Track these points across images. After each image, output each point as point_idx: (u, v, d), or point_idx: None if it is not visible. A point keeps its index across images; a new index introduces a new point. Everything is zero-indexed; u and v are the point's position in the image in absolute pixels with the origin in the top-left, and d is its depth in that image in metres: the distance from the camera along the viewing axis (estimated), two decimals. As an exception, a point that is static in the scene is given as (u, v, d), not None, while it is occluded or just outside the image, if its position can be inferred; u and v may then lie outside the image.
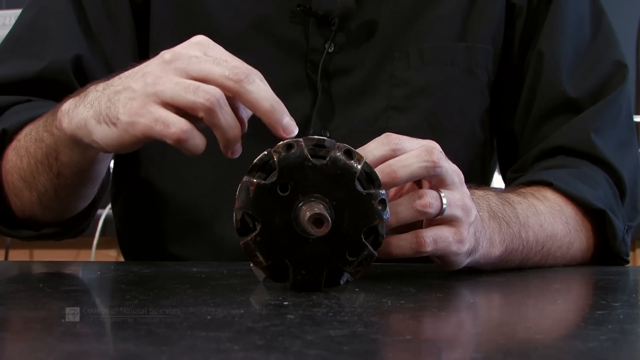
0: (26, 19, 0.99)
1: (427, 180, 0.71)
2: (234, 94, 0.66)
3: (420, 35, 0.97)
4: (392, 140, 0.69)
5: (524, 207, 0.84)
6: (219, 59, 0.67)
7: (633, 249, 1.85)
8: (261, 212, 0.63)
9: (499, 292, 0.73)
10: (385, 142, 0.69)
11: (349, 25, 0.96)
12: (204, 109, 0.65)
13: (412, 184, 0.72)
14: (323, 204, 0.62)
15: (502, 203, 0.81)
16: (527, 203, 0.86)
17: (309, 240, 0.63)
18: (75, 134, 0.73)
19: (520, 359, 0.46)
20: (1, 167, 0.88)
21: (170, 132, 0.65)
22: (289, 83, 0.95)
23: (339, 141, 0.64)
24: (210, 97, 0.64)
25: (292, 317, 0.54)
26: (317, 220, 0.61)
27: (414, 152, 0.68)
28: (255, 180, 0.63)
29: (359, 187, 0.63)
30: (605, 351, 0.47)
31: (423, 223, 0.71)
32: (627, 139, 1.01)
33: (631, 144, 1.01)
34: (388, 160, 0.68)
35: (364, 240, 0.64)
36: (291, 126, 0.66)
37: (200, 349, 0.45)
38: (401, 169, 0.67)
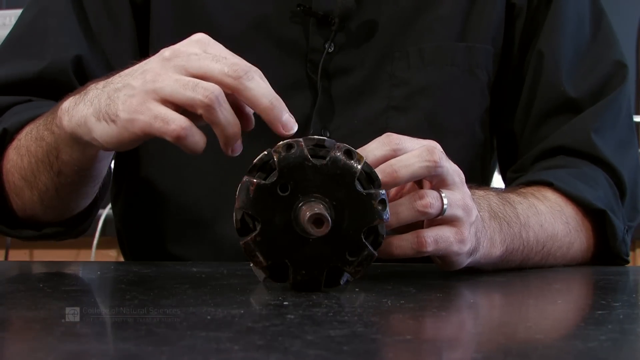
0: (26, 19, 0.99)
1: (428, 180, 0.71)
2: (233, 91, 0.66)
3: (420, 35, 0.97)
4: (392, 140, 0.69)
5: (524, 207, 0.84)
6: (218, 56, 0.67)
7: (633, 249, 1.85)
8: (261, 212, 0.63)
9: (499, 292, 0.73)
10: (386, 142, 0.69)
11: (349, 25, 0.96)
12: (203, 105, 0.65)
13: (413, 184, 0.72)
14: (323, 204, 0.62)
15: (502, 203, 0.81)
16: (527, 203, 0.86)
17: (309, 240, 0.63)
18: (75, 131, 0.73)
19: (520, 359, 0.46)
20: (2, 167, 0.88)
21: (170, 129, 0.65)
22: (289, 83, 0.95)
23: (339, 141, 0.64)
24: (209, 94, 0.64)
25: (292, 317, 0.54)
26: (317, 220, 0.61)
27: (415, 152, 0.68)
28: (255, 180, 0.63)
29: (359, 187, 0.63)
30: (605, 351, 0.47)
31: (424, 223, 0.71)
32: (627, 139, 1.01)
33: (631, 144, 1.01)
34: (389, 160, 0.68)
35: (364, 240, 0.64)
36: (290, 123, 0.66)
37: (200, 349, 0.45)
38: (402, 168, 0.67)
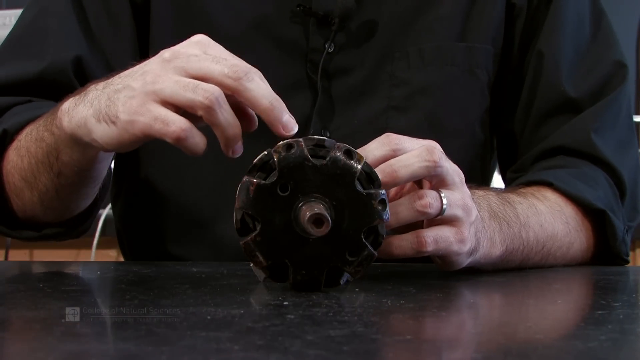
0: (26, 19, 0.99)
1: (427, 180, 0.71)
2: (233, 92, 0.66)
3: (421, 36, 0.97)
4: (392, 140, 0.69)
5: (524, 207, 0.84)
6: (218, 57, 0.67)
7: (633, 249, 1.85)
8: (261, 212, 0.63)
9: (499, 292, 0.73)
10: (386, 142, 0.69)
11: (349, 25, 0.96)
12: (203, 107, 0.65)
13: (413, 184, 0.72)
14: (323, 204, 0.62)
15: (502, 203, 0.81)
16: (527, 203, 0.86)
17: (309, 240, 0.63)
18: (75, 132, 0.73)
19: (520, 359, 0.46)
20: (2, 168, 0.88)
21: (170, 131, 0.65)
22: (289, 83, 0.95)
23: (339, 141, 0.64)
24: (209, 96, 0.64)
25: (292, 317, 0.54)
26: (317, 220, 0.61)
27: (414, 152, 0.68)
28: (255, 180, 0.63)
29: (359, 187, 0.63)
30: (605, 351, 0.47)
31: (424, 223, 0.71)
32: (627, 139, 1.01)
33: (631, 144, 1.01)
34: (388, 160, 0.68)
35: (364, 240, 0.64)
36: (291, 123, 0.65)
37: (200, 349, 0.45)
38: (402, 168, 0.67)
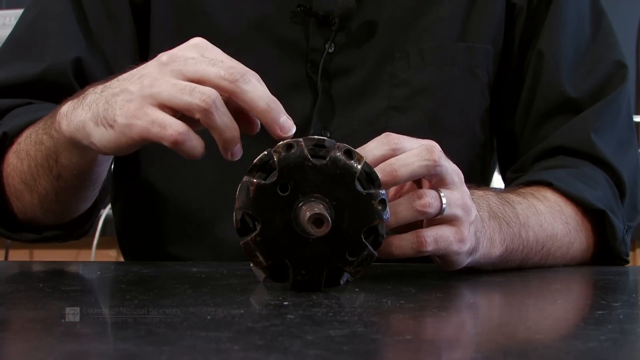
0: (26, 20, 0.99)
1: (427, 179, 0.71)
2: (230, 94, 0.65)
3: (421, 36, 0.97)
4: (391, 139, 0.69)
5: (524, 207, 0.84)
6: (214, 59, 0.67)
7: (633, 249, 1.85)
8: (261, 212, 0.63)
9: (499, 292, 0.73)
10: (385, 142, 0.69)
11: (350, 25, 0.96)
12: (200, 110, 0.64)
13: (412, 183, 0.72)
14: (323, 204, 0.62)
15: (502, 203, 0.81)
16: (527, 203, 0.86)
17: (309, 240, 0.63)
18: (73, 136, 0.73)
19: (520, 359, 0.46)
20: (2, 170, 0.88)
21: (167, 134, 0.65)
22: (290, 83, 0.95)
23: (339, 141, 0.64)
24: (205, 98, 0.64)
25: (292, 317, 0.54)
26: (317, 220, 0.61)
27: (414, 151, 0.68)
28: (255, 180, 0.63)
29: (359, 187, 0.63)
30: (605, 351, 0.47)
31: (423, 223, 0.71)
32: (627, 139, 1.01)
33: (631, 144, 1.01)
34: (388, 159, 0.68)
35: (364, 240, 0.64)
36: (288, 125, 0.65)
37: (200, 349, 0.45)
38: (402, 167, 0.67)
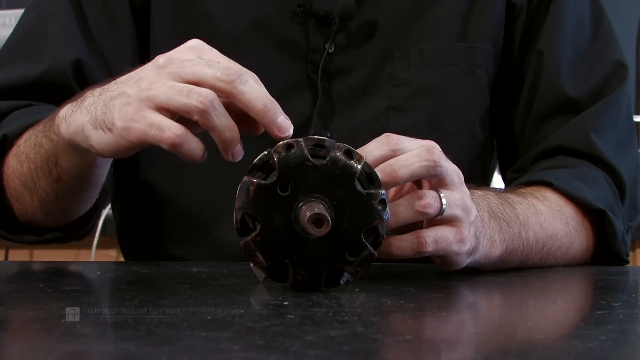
0: (26, 22, 0.99)
1: (427, 180, 0.71)
2: (227, 95, 0.65)
3: (421, 36, 0.97)
4: (391, 140, 0.69)
5: (524, 207, 0.84)
6: (211, 61, 0.66)
7: (633, 249, 1.85)
8: (261, 212, 0.63)
9: (499, 292, 0.73)
10: (385, 142, 0.69)
11: (350, 25, 0.96)
12: (198, 111, 0.64)
13: (412, 184, 0.72)
14: (323, 204, 0.62)
15: (502, 203, 0.81)
16: (527, 203, 0.86)
17: (309, 240, 0.63)
18: (73, 139, 0.73)
19: (520, 359, 0.46)
20: (3, 173, 0.88)
21: (165, 137, 0.65)
22: (290, 83, 0.95)
23: (339, 141, 0.64)
24: (203, 99, 0.64)
25: (292, 317, 0.54)
26: (317, 220, 0.61)
27: (414, 152, 0.68)
28: (255, 180, 0.63)
29: (359, 187, 0.63)
30: (605, 351, 0.47)
31: (423, 223, 0.71)
32: (627, 139, 1.01)
33: (631, 144, 1.01)
34: (388, 160, 0.68)
35: (364, 240, 0.64)
36: (286, 125, 0.65)
37: (200, 349, 0.45)
38: (402, 168, 0.67)
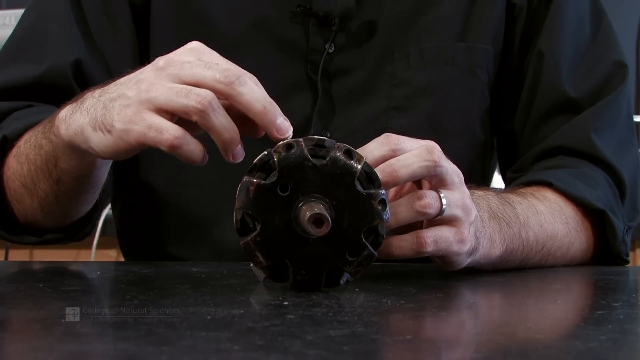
0: (26, 22, 0.98)
1: (427, 180, 0.71)
2: (225, 97, 0.65)
3: (421, 36, 0.97)
4: (392, 140, 0.69)
5: (524, 207, 0.84)
6: (210, 63, 0.66)
7: (633, 249, 1.85)
8: (261, 212, 0.63)
9: (499, 292, 0.73)
10: (385, 142, 0.69)
11: (350, 25, 0.96)
12: (197, 111, 0.64)
13: (412, 184, 0.72)
14: (323, 204, 0.62)
15: (502, 203, 0.81)
16: (527, 203, 0.86)
17: (309, 240, 0.63)
18: (72, 140, 0.73)
19: (520, 359, 0.46)
20: (3, 174, 0.88)
21: (164, 139, 0.65)
22: (290, 84, 0.95)
23: (339, 141, 0.64)
24: (201, 100, 0.64)
25: (292, 317, 0.54)
26: (317, 220, 0.61)
27: (414, 152, 0.68)
28: (255, 180, 0.63)
29: (359, 187, 0.63)
30: (605, 351, 0.47)
31: (423, 223, 0.71)
32: (627, 139, 1.01)
33: (631, 144, 1.01)
34: (388, 160, 0.68)
35: (364, 240, 0.64)
36: (285, 126, 0.65)
37: (200, 349, 0.45)
38: (402, 168, 0.67)
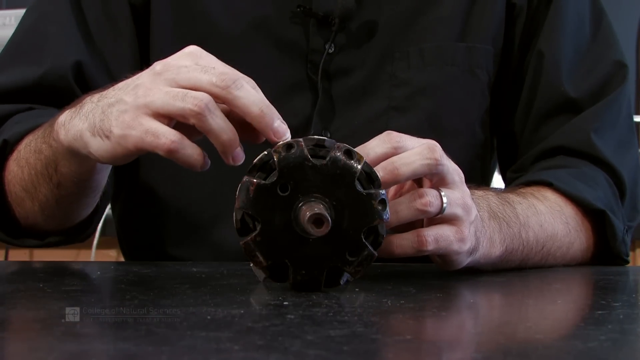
0: (26, 24, 0.98)
1: (427, 178, 0.71)
2: (222, 101, 0.65)
3: (421, 36, 0.97)
4: (393, 138, 0.69)
5: (524, 207, 0.84)
6: (207, 67, 0.66)
7: (633, 249, 1.85)
8: (261, 212, 0.63)
9: (499, 292, 0.73)
10: (387, 140, 0.69)
11: (350, 25, 0.96)
12: (193, 114, 0.64)
13: (413, 182, 0.72)
14: (323, 204, 0.62)
15: (502, 203, 0.81)
16: (527, 203, 0.86)
17: (309, 240, 0.63)
18: (72, 145, 0.73)
19: (520, 359, 0.46)
20: (4, 178, 0.88)
21: (161, 143, 0.65)
22: (290, 84, 0.95)
23: (339, 141, 0.64)
24: (198, 102, 0.64)
25: (292, 317, 0.54)
26: (317, 220, 0.61)
27: (415, 150, 0.68)
28: (255, 180, 0.63)
29: (359, 187, 0.63)
30: (605, 351, 0.47)
31: (424, 222, 0.71)
32: (627, 139, 1.01)
33: (631, 144, 1.01)
34: (389, 157, 0.68)
35: (364, 240, 0.64)
36: (282, 129, 0.65)
37: (200, 349, 0.45)
38: (403, 166, 0.67)
